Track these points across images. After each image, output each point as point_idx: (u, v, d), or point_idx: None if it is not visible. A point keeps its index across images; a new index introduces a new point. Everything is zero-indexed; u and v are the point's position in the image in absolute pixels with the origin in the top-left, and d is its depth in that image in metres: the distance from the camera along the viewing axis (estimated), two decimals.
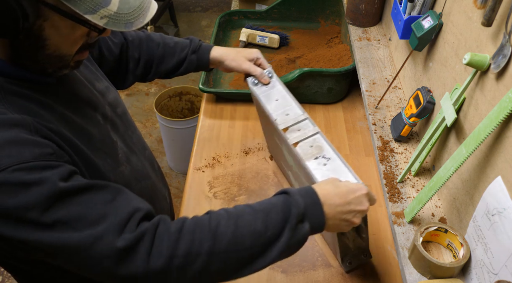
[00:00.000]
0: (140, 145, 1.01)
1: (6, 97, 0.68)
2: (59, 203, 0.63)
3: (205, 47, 1.15)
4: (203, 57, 1.14)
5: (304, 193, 0.74)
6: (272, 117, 1.00)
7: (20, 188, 0.61)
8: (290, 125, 0.97)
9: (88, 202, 0.65)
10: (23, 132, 0.65)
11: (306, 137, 0.94)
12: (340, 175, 0.86)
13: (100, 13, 0.65)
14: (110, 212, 0.66)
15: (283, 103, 1.03)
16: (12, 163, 0.61)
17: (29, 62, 0.70)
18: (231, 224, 0.69)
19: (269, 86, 1.09)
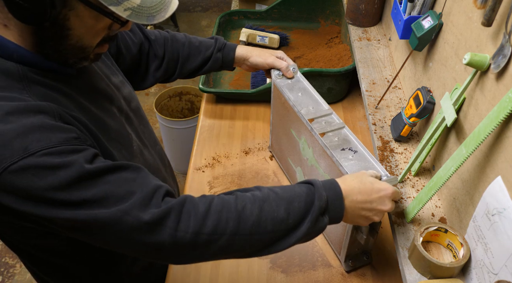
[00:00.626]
0: (152, 140, 1.04)
1: (30, 86, 0.71)
2: (86, 183, 0.66)
3: (230, 46, 1.18)
4: (228, 55, 1.16)
5: (328, 186, 0.76)
6: (296, 109, 1.03)
7: (49, 170, 0.64)
8: (315, 117, 1.01)
9: (113, 181, 0.68)
10: (48, 118, 0.68)
11: (332, 129, 0.98)
12: (367, 168, 0.88)
13: (124, 5, 0.67)
14: (135, 188, 0.69)
15: (308, 97, 1.08)
16: (41, 147, 0.64)
17: (52, 52, 0.72)
18: (256, 208, 0.72)
19: (293, 80, 1.13)
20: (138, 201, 0.68)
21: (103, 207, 0.67)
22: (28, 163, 0.63)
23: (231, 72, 1.64)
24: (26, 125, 0.65)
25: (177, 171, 2.56)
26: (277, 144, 1.27)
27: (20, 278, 2.07)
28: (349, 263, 1.04)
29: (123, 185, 0.69)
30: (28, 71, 0.71)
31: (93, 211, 0.66)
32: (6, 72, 0.69)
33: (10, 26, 0.69)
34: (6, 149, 0.63)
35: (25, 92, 0.69)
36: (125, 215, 0.67)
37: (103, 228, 0.68)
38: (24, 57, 0.71)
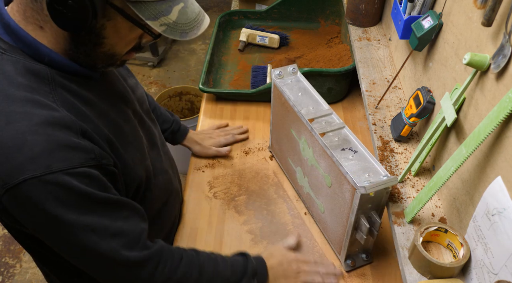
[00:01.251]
0: (161, 141, 1.05)
1: (56, 89, 0.73)
2: (91, 210, 0.72)
3: (183, 131, 1.30)
4: (178, 140, 1.30)
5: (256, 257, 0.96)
6: (297, 109, 1.03)
7: (65, 190, 0.68)
8: (315, 117, 1.01)
9: (113, 215, 0.75)
10: (71, 134, 0.70)
11: (332, 129, 0.98)
12: (367, 168, 0.89)
13: (161, 21, 0.70)
14: (126, 228, 0.76)
15: (308, 97, 1.08)
16: (64, 167, 0.67)
17: (83, 57, 0.74)
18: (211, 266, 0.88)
19: (293, 81, 1.13)
20: (127, 240, 0.76)
21: (99, 238, 0.73)
22: (49, 180, 0.66)
23: (231, 72, 1.64)
24: (53, 141, 0.67)
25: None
26: (277, 144, 1.27)
27: (20, 278, 2.07)
28: (349, 263, 1.04)
29: (119, 221, 0.75)
30: (55, 74, 0.73)
31: (91, 239, 0.72)
32: (37, 74, 0.71)
33: (45, 28, 0.71)
34: (31, 162, 0.66)
35: (51, 96, 0.71)
36: (115, 252, 0.74)
37: (94, 258, 0.74)
38: (55, 60, 0.73)
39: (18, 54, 0.71)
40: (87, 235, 0.72)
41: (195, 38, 3.57)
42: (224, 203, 1.22)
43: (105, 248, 0.73)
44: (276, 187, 1.26)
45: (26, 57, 0.71)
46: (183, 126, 1.31)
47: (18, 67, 0.70)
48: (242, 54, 1.73)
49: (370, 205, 0.90)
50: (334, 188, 0.97)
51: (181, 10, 0.71)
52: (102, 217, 0.73)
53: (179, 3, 0.71)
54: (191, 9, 0.73)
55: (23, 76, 0.70)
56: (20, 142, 0.66)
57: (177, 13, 0.71)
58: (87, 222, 0.71)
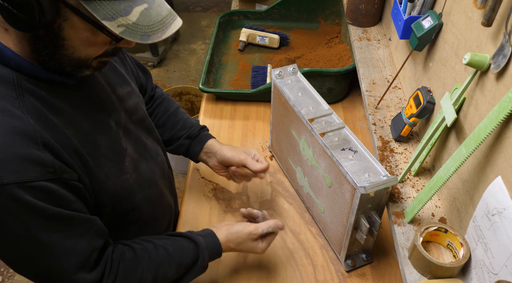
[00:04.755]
0: (154, 151, 1.01)
1: (24, 95, 0.70)
2: (43, 225, 0.70)
3: (202, 138, 1.14)
4: (196, 147, 1.13)
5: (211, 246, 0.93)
6: (297, 109, 1.03)
7: (16, 203, 0.66)
8: (315, 117, 1.01)
9: (65, 232, 0.73)
10: (32, 146, 0.68)
11: (332, 129, 0.98)
12: (367, 168, 0.90)
13: (118, 21, 0.65)
14: (77, 247, 0.75)
15: (308, 97, 1.08)
16: (17, 180, 0.65)
17: (47, 60, 0.71)
18: (152, 273, 0.84)
19: (293, 80, 1.13)
20: (75, 261, 0.74)
21: (46, 255, 0.71)
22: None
23: (231, 72, 1.64)
24: (8, 152, 0.65)
25: (177, 171, 2.56)
26: (277, 144, 1.27)
27: (20, 278, 2.07)
28: (349, 263, 1.04)
29: (71, 239, 0.74)
30: (23, 80, 0.71)
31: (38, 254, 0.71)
32: (2, 79, 0.69)
33: (10, 31, 0.69)
34: None
35: (17, 102, 0.69)
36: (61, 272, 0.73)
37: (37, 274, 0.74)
38: (21, 65, 0.70)
39: None
40: (35, 251, 0.70)
41: (195, 38, 3.57)
42: (224, 203, 1.22)
43: (51, 266, 0.72)
44: (276, 186, 1.26)
45: None
46: (205, 133, 1.15)
47: None
48: (242, 54, 1.73)
49: (370, 205, 0.90)
50: (334, 188, 0.97)
51: (144, 12, 0.67)
52: (54, 234, 0.71)
53: (141, 3, 0.67)
54: (156, 11, 0.68)
55: None
56: None
57: (138, 14, 0.66)
58: (36, 238, 0.69)
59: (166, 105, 1.16)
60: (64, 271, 0.73)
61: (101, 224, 0.81)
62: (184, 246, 0.90)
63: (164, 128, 1.14)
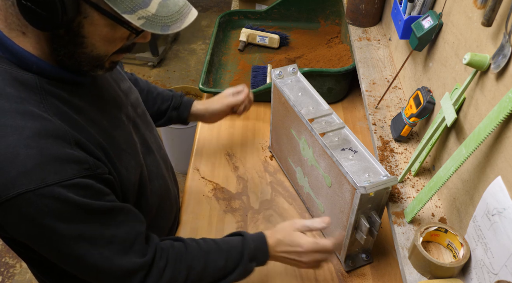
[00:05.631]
0: (157, 145, 1.03)
1: (47, 98, 0.71)
2: (86, 219, 0.72)
3: (186, 104, 1.21)
4: (183, 113, 1.21)
5: (255, 237, 0.92)
6: (297, 109, 1.03)
7: (60, 202, 0.68)
8: (315, 117, 1.01)
9: (107, 223, 0.75)
10: (65, 146, 0.69)
11: (332, 129, 0.98)
12: (367, 168, 0.90)
13: (138, 14, 0.66)
14: (120, 233, 0.77)
15: (308, 97, 1.08)
16: (58, 180, 0.67)
17: (66, 59, 0.72)
18: (202, 260, 0.86)
19: (293, 80, 1.13)
20: (121, 247, 0.76)
21: (92, 247, 0.73)
22: (43, 193, 0.66)
23: (231, 72, 1.64)
24: (46, 154, 0.67)
25: (177, 171, 2.56)
26: (277, 144, 1.27)
27: (20, 278, 2.07)
28: (349, 263, 1.04)
29: (112, 228, 0.76)
30: (44, 83, 0.72)
31: (84, 249, 0.73)
32: (25, 84, 0.70)
33: (28, 33, 0.69)
34: (25, 176, 0.65)
35: (42, 105, 0.70)
36: (107, 261, 0.75)
37: (86, 266, 0.75)
38: (42, 68, 0.71)
39: (5, 64, 0.70)
40: (81, 245, 0.72)
41: (195, 38, 3.57)
42: (224, 203, 1.22)
43: (98, 257, 0.74)
44: (276, 186, 1.26)
45: (13, 67, 0.70)
46: (186, 99, 1.22)
47: (5, 77, 0.69)
48: (242, 54, 1.73)
49: (370, 205, 0.90)
50: (334, 188, 0.97)
51: (161, 3, 0.68)
52: (96, 226, 0.73)
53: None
54: (173, 2, 0.70)
55: (12, 86, 0.69)
56: (12, 156, 0.65)
57: (157, 5, 0.67)
58: (80, 232, 0.71)
59: (139, 84, 1.18)
60: (112, 260, 0.75)
61: (136, 210, 0.83)
62: (231, 238, 0.92)
63: (146, 106, 1.14)
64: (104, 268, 0.75)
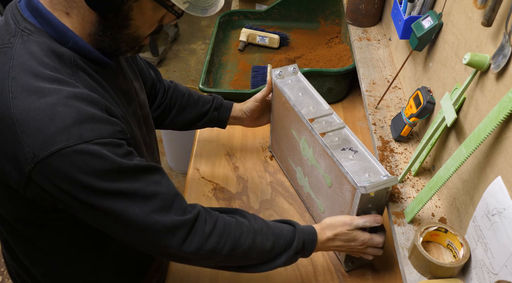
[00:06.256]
0: (153, 147, 1.06)
1: (78, 72, 0.75)
2: (124, 176, 0.73)
3: (227, 105, 1.23)
4: (224, 114, 1.22)
5: (307, 232, 0.91)
6: (297, 108, 1.03)
7: (97, 159, 0.69)
8: (316, 117, 1.01)
9: (144, 180, 0.75)
10: (98, 110, 0.73)
11: (333, 129, 0.98)
12: (367, 168, 0.90)
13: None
14: (160, 190, 0.77)
15: (308, 97, 1.07)
16: (94, 136, 0.70)
17: (108, 41, 0.77)
18: (250, 238, 0.84)
19: (293, 80, 1.12)
20: (161, 204, 0.76)
21: (132, 203, 0.73)
22: (81, 149, 0.68)
23: (231, 72, 1.64)
24: (83, 113, 0.70)
25: (177, 171, 2.56)
26: (277, 144, 1.27)
27: None
28: (349, 263, 1.04)
29: (151, 185, 0.76)
30: (78, 59, 0.76)
31: (123, 205, 0.73)
32: (61, 56, 0.74)
33: (72, 15, 0.74)
34: (64, 133, 0.67)
35: (73, 78, 0.73)
36: (148, 216, 0.74)
37: (126, 223, 0.74)
38: (78, 45, 0.75)
39: (44, 36, 0.73)
40: (121, 200, 0.73)
41: (195, 38, 3.57)
42: (224, 203, 1.22)
43: (137, 212, 0.74)
44: (276, 187, 1.26)
45: (51, 40, 0.74)
46: (227, 101, 1.24)
47: (43, 48, 0.72)
48: (242, 54, 1.73)
49: (371, 205, 0.90)
50: (334, 188, 0.97)
51: None
52: (135, 182, 0.74)
53: None
54: None
55: (49, 57, 0.72)
56: (52, 113, 0.68)
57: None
58: (120, 188, 0.72)
59: (180, 88, 1.22)
60: (152, 216, 0.75)
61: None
62: (282, 225, 0.91)
63: (187, 108, 1.19)
64: (144, 224, 0.75)
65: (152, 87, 1.14)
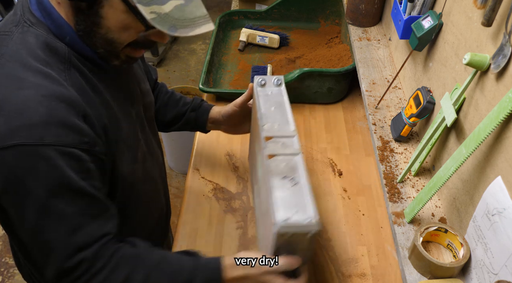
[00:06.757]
0: (156, 152, 1.05)
1: (71, 69, 0.75)
2: (64, 194, 0.70)
3: (205, 107, 1.15)
4: (202, 116, 1.14)
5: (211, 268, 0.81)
6: (261, 122, 0.92)
7: (48, 166, 0.68)
8: (275, 136, 0.90)
9: (82, 208, 0.73)
10: (74, 115, 0.71)
11: (285, 154, 0.86)
12: (299, 204, 0.77)
13: (152, 8, 0.68)
14: (88, 226, 0.73)
15: (279, 113, 0.95)
16: (55, 142, 0.68)
17: (84, 35, 0.74)
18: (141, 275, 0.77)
19: (273, 92, 1.02)
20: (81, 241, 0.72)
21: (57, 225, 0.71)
22: (36, 151, 0.66)
23: (231, 72, 1.64)
24: (53, 115, 0.68)
25: (177, 171, 2.56)
26: (250, 155, 1.17)
27: (20, 278, 2.06)
28: None
29: (84, 217, 0.73)
30: (72, 55, 0.75)
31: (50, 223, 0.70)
32: (55, 50, 0.73)
33: (62, 4, 0.73)
34: (26, 129, 0.66)
35: (64, 74, 0.73)
36: (64, 246, 0.71)
37: (41, 242, 0.72)
38: (74, 42, 0.75)
39: (43, 29, 0.73)
40: (49, 217, 0.70)
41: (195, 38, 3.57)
42: (224, 203, 1.22)
43: (55, 238, 0.71)
44: None
45: (49, 34, 0.74)
46: (207, 104, 1.17)
47: (39, 40, 0.72)
48: (242, 54, 1.73)
49: (291, 247, 0.79)
50: (265, 218, 0.86)
51: (178, 6, 0.70)
52: (70, 206, 0.71)
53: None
54: (190, 9, 0.72)
55: (43, 50, 0.72)
56: (22, 107, 0.67)
57: (173, 7, 0.69)
58: (53, 205, 0.70)
59: (165, 88, 1.20)
60: (66, 247, 0.72)
61: (115, 214, 0.80)
62: (183, 259, 0.83)
63: (167, 107, 1.16)
64: (54, 252, 0.72)
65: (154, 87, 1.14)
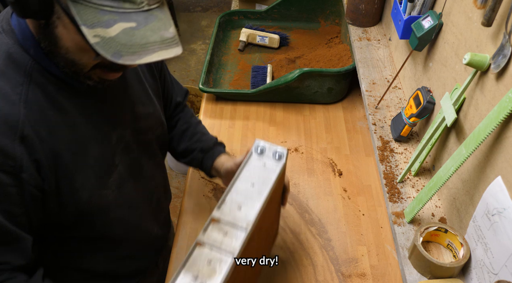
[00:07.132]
0: (149, 175, 0.97)
1: (30, 84, 0.71)
2: None
3: (215, 152, 1.06)
4: (208, 161, 1.06)
5: None
6: (224, 195, 0.79)
7: None
8: (225, 221, 0.75)
9: None
10: (7, 136, 0.67)
11: (219, 249, 0.71)
12: None
13: (96, 31, 0.62)
14: None
15: (255, 195, 0.80)
16: None
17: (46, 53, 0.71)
18: None
19: (267, 166, 0.86)
20: None
21: None
22: None
23: (231, 72, 1.64)
24: None
25: (177, 171, 2.56)
26: None
27: None
28: None
29: None
30: (36, 70, 0.71)
31: None
32: (16, 63, 0.70)
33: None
34: None
35: (19, 88, 0.70)
36: None
37: None
38: (40, 57, 0.71)
39: (12, 38, 0.71)
40: None
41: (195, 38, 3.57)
42: None
43: None
44: None
45: (16, 44, 0.71)
46: (219, 148, 1.07)
47: (2, 49, 0.70)
48: (242, 54, 1.73)
49: None
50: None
51: (127, 30, 0.62)
52: None
53: (128, 21, 0.62)
54: (142, 34, 0.63)
55: (3, 59, 0.70)
56: None
57: (120, 30, 0.62)
58: None
59: (189, 117, 1.13)
60: None
61: (28, 246, 0.75)
62: None
63: (181, 139, 1.09)
64: None
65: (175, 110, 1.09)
